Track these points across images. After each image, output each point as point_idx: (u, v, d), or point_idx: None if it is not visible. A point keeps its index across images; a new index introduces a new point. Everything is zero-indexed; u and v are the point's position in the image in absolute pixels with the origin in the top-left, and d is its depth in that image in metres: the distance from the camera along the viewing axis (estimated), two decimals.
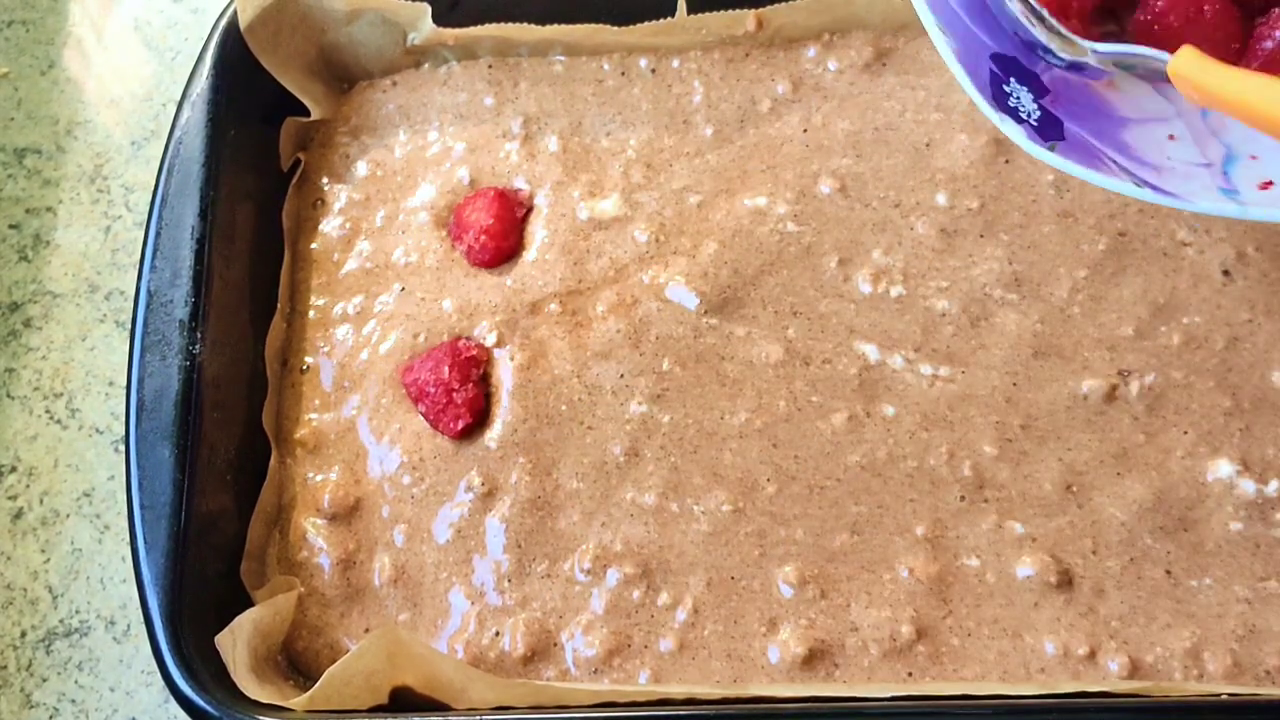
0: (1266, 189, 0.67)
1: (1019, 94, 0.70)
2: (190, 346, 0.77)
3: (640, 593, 0.75)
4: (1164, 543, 0.74)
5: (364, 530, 0.78)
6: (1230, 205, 0.66)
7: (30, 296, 0.96)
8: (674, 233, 0.84)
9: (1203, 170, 0.69)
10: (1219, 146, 0.70)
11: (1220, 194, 0.67)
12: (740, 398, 0.79)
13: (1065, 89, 0.72)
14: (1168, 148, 0.70)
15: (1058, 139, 0.68)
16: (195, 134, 0.83)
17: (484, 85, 0.91)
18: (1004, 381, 0.79)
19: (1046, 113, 0.70)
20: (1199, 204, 0.66)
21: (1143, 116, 0.72)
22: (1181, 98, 0.71)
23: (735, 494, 0.77)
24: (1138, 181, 0.66)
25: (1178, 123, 0.71)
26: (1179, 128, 0.71)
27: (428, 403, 0.80)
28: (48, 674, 0.84)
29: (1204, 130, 0.71)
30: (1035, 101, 0.70)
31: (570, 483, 0.78)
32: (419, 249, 0.86)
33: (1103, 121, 0.71)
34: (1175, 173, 0.68)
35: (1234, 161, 0.69)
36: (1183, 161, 0.69)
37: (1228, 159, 0.70)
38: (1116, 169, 0.67)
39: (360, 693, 0.70)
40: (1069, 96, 0.72)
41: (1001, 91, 0.69)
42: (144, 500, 0.73)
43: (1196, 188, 0.67)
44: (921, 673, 0.72)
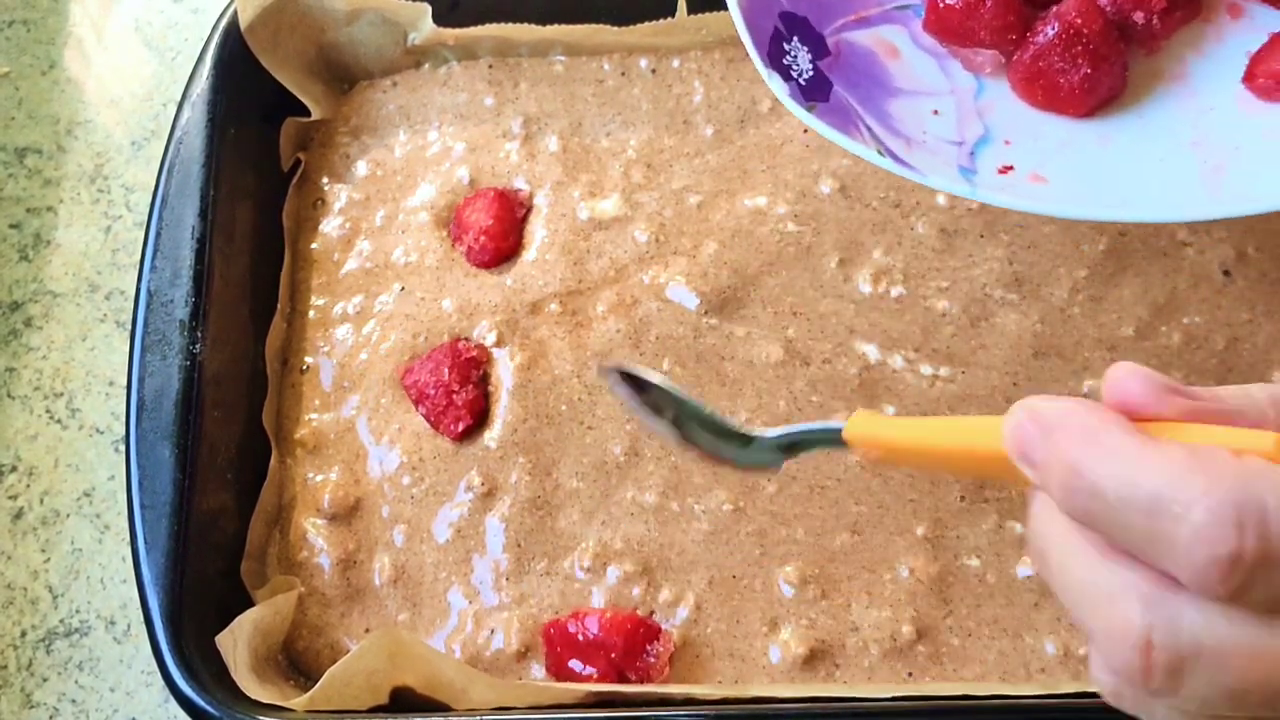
0: (1005, 173, 0.70)
1: (797, 53, 0.73)
2: (190, 346, 0.77)
3: (641, 589, 0.75)
4: None
5: (364, 530, 0.78)
6: (962, 185, 0.68)
7: (30, 296, 0.96)
8: (674, 233, 0.84)
9: (952, 147, 0.71)
10: (979, 127, 0.73)
11: (958, 173, 0.69)
12: (740, 397, 0.79)
13: (849, 53, 0.75)
14: (928, 122, 0.73)
15: (820, 100, 0.71)
16: (195, 134, 0.83)
17: (484, 85, 0.91)
18: (1004, 382, 0.79)
19: (819, 74, 0.72)
20: (931, 179, 0.68)
21: (915, 90, 0.75)
22: (960, 76, 0.76)
23: (736, 493, 0.77)
24: (882, 150, 0.69)
25: (948, 99, 0.75)
26: (946, 104, 0.74)
27: (428, 405, 0.80)
28: (48, 674, 0.84)
29: (971, 110, 0.74)
30: (812, 62, 0.73)
31: (570, 482, 0.78)
32: (419, 249, 0.86)
33: (874, 89, 0.74)
34: (924, 146, 0.71)
35: (987, 143, 0.72)
36: (936, 137, 0.72)
37: (982, 139, 0.72)
38: (868, 136, 0.70)
39: (361, 693, 0.70)
40: (849, 62, 0.75)
41: (780, 48, 0.72)
42: (144, 500, 0.73)
43: (937, 163, 0.70)
44: (922, 673, 0.72)
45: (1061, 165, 0.71)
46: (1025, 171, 0.71)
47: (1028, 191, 0.69)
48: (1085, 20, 0.72)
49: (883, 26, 0.78)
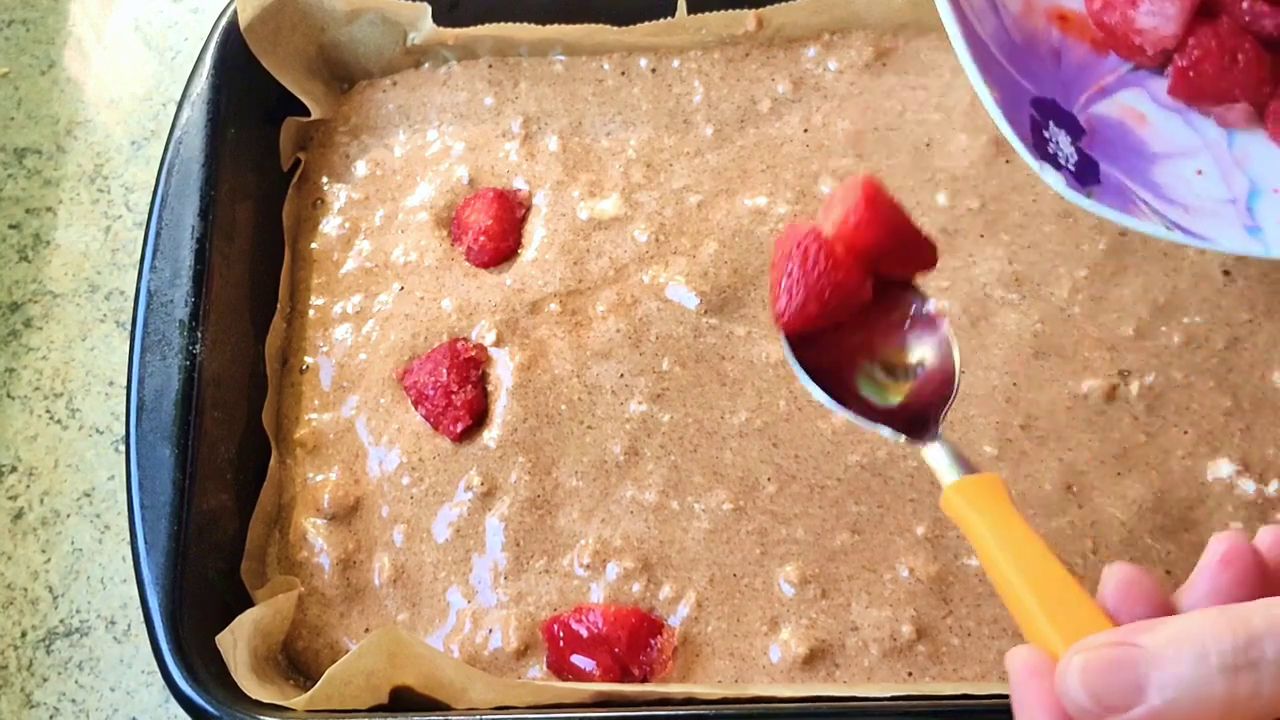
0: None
1: (1058, 138, 0.72)
2: (190, 346, 0.77)
3: (641, 586, 0.75)
4: (1164, 543, 0.74)
5: (364, 530, 0.78)
6: (1256, 245, 0.69)
7: (30, 296, 0.96)
8: (674, 232, 0.84)
9: (1229, 207, 0.72)
10: (1244, 180, 0.74)
11: (1245, 233, 0.70)
12: (740, 397, 0.79)
13: (1102, 127, 0.75)
14: (1195, 184, 0.73)
15: (1094, 184, 0.71)
16: (195, 134, 0.83)
17: (484, 85, 0.91)
18: (1004, 381, 0.79)
19: (1083, 155, 0.73)
20: (1226, 244, 0.69)
21: (1171, 151, 0.75)
22: (1208, 129, 0.76)
23: (736, 493, 0.77)
24: (1168, 225, 0.69)
25: (1205, 156, 0.75)
26: (1206, 162, 0.75)
27: (427, 405, 0.80)
28: (48, 674, 0.84)
29: (1230, 163, 0.75)
30: (1073, 144, 0.73)
31: (570, 481, 0.78)
32: (418, 248, 0.86)
33: (1135, 160, 0.74)
34: (1203, 211, 0.71)
35: (1258, 196, 0.72)
36: (1209, 199, 0.72)
37: (1251, 193, 0.73)
38: (1149, 211, 0.70)
39: (360, 692, 0.70)
40: (1104, 135, 0.75)
41: (1041, 138, 0.72)
42: (144, 500, 0.73)
43: (1223, 226, 0.70)
44: (921, 672, 0.72)
45: None
46: None
47: None
48: None
49: (1122, 92, 0.78)
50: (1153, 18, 0.76)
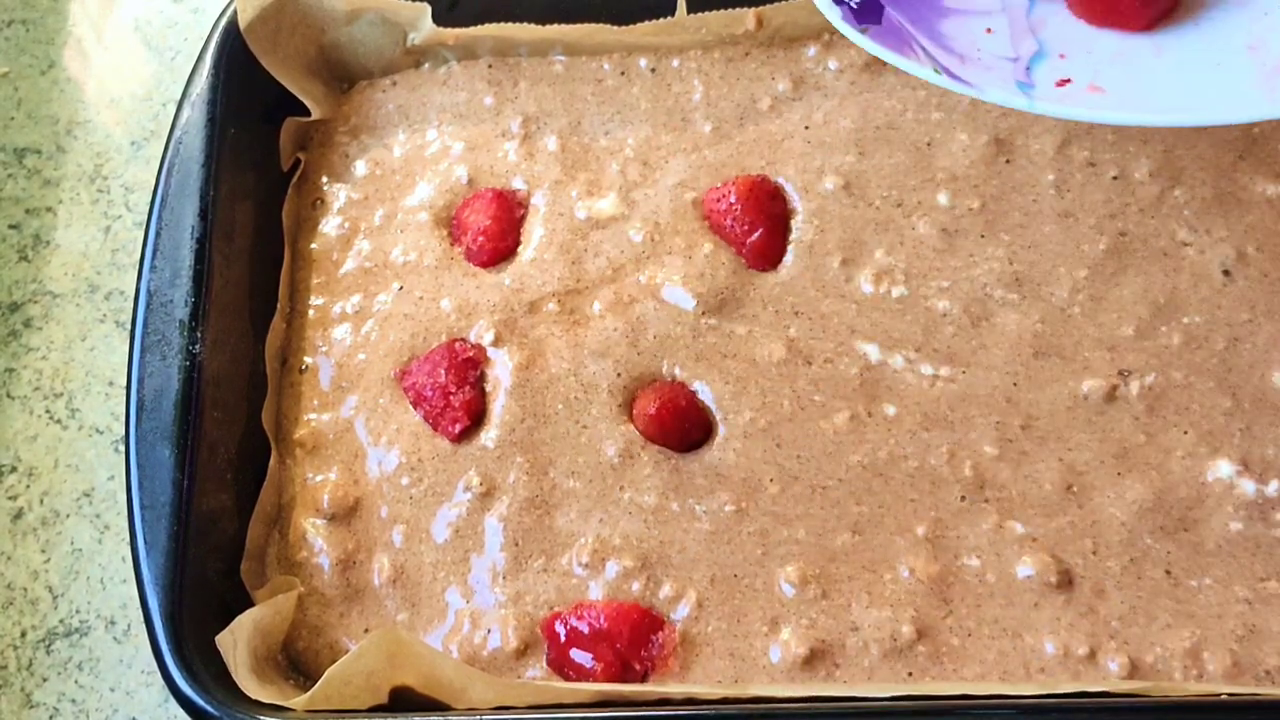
0: (1061, 86, 0.70)
1: None
2: (190, 346, 0.77)
3: (641, 584, 0.75)
4: (1164, 543, 0.74)
5: (363, 530, 0.78)
6: (1020, 98, 0.69)
7: (30, 296, 0.96)
8: (669, 232, 0.84)
9: (1007, 63, 0.72)
10: (1033, 43, 0.74)
11: (1016, 87, 0.70)
12: (745, 395, 0.79)
13: None
14: (981, 40, 0.74)
15: (873, 23, 0.72)
16: (195, 134, 0.83)
17: (483, 85, 0.91)
18: (1004, 381, 0.79)
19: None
20: (990, 93, 0.69)
21: (966, 8, 0.75)
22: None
23: (739, 494, 0.77)
24: (938, 68, 0.70)
25: (1000, 17, 0.75)
26: (999, 22, 0.75)
27: (425, 406, 0.80)
28: (48, 674, 0.84)
29: (1024, 26, 0.75)
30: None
31: (567, 481, 0.78)
32: (418, 248, 0.86)
33: (925, 9, 0.75)
34: (979, 63, 0.72)
35: (1042, 58, 0.73)
36: (991, 54, 0.73)
37: (1036, 55, 0.73)
38: (923, 55, 0.71)
39: (360, 693, 0.70)
40: None
41: None
42: (144, 500, 0.73)
43: (994, 78, 0.71)
44: (922, 673, 0.72)
45: (1118, 76, 0.72)
46: (1083, 83, 0.71)
47: (1086, 101, 0.70)
48: None
49: None
50: None
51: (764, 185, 0.84)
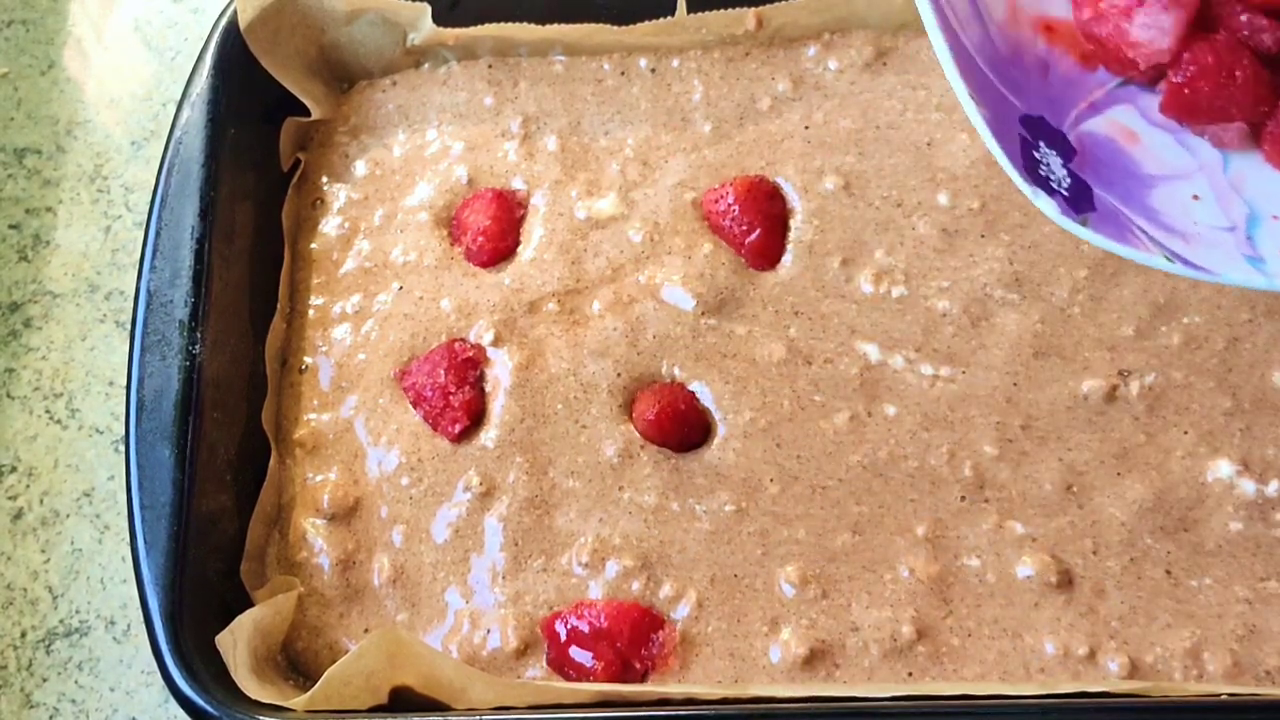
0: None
1: (1049, 159, 0.69)
2: (190, 346, 0.77)
3: (641, 584, 0.75)
4: (1164, 543, 0.74)
5: (363, 530, 0.78)
6: (1259, 277, 0.66)
7: (30, 296, 0.96)
8: (668, 232, 0.84)
9: (1227, 235, 0.69)
10: (1242, 206, 0.70)
11: (1246, 262, 0.67)
12: (745, 395, 0.79)
13: (1092, 146, 0.72)
14: (1193, 210, 0.70)
15: (1089, 210, 0.68)
16: (195, 134, 0.83)
17: (483, 85, 0.91)
18: (1004, 381, 0.79)
19: (1076, 179, 0.69)
20: (1229, 277, 0.66)
21: (1166, 173, 0.72)
22: (1202, 150, 0.72)
23: (738, 494, 0.77)
24: (1169, 255, 0.66)
25: (1200, 179, 0.71)
26: (1202, 185, 0.71)
27: (425, 407, 0.80)
28: (48, 674, 0.84)
29: (1226, 187, 0.71)
30: (1064, 166, 0.70)
31: (567, 481, 0.78)
32: (417, 248, 0.86)
33: (1130, 183, 0.71)
34: (1202, 240, 0.68)
35: (1257, 223, 0.69)
36: (1208, 226, 0.69)
37: (1251, 220, 0.69)
38: (1146, 240, 0.67)
39: (360, 693, 0.70)
40: (1095, 155, 0.72)
41: (1032, 159, 0.69)
42: (144, 500, 0.73)
43: (1224, 257, 0.67)
44: (922, 673, 0.72)
45: None
46: None
47: None
48: None
49: (1113, 109, 0.74)
50: (1148, 30, 0.71)
51: (762, 185, 0.84)
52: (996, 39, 0.72)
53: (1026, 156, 0.68)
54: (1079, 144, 0.72)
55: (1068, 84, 0.74)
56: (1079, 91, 0.74)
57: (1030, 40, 0.74)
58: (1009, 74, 0.72)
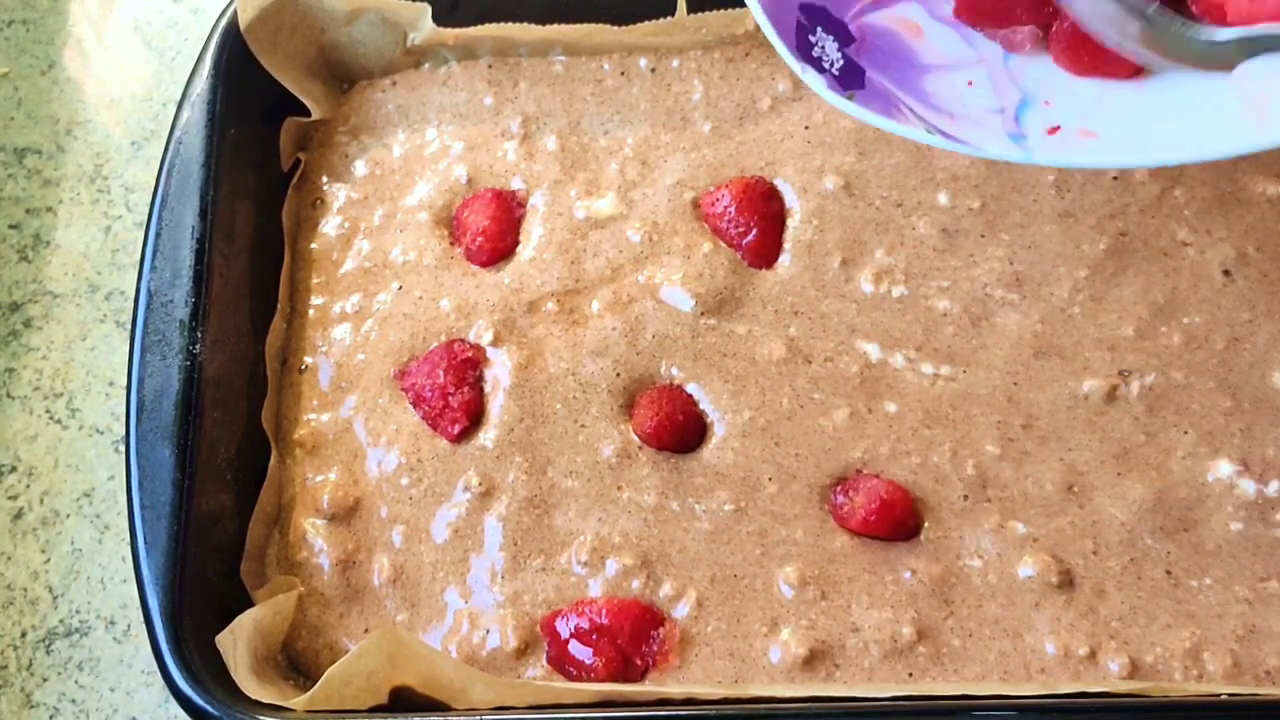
0: (1054, 134, 0.69)
1: (824, 43, 0.72)
2: (190, 346, 0.77)
3: (641, 582, 0.75)
4: (1164, 543, 0.74)
5: (363, 530, 0.78)
6: (1017, 151, 0.68)
7: (30, 296, 0.96)
8: (667, 232, 0.84)
9: (995, 116, 0.71)
10: (1015, 92, 0.73)
11: (1008, 139, 0.69)
12: (744, 394, 0.79)
13: (873, 36, 0.75)
14: (964, 94, 0.73)
15: (857, 87, 0.71)
16: (195, 134, 0.83)
17: (483, 85, 0.91)
18: (1005, 381, 0.79)
19: (850, 61, 0.72)
20: (986, 149, 0.68)
21: (945, 63, 0.74)
22: (984, 42, 0.75)
23: (737, 493, 0.77)
24: (929, 128, 0.69)
25: (979, 69, 0.74)
26: (979, 74, 0.74)
27: (424, 407, 0.80)
28: (48, 674, 0.84)
29: (1004, 75, 0.74)
30: (840, 50, 0.72)
31: (566, 481, 0.78)
32: (417, 248, 0.86)
33: (905, 69, 0.74)
34: (969, 119, 0.71)
35: (1027, 106, 0.72)
36: (977, 108, 0.72)
37: (1021, 104, 0.72)
38: (912, 117, 0.70)
39: (360, 693, 0.70)
40: (875, 44, 0.74)
41: (806, 41, 0.72)
42: (144, 500, 0.73)
43: (986, 133, 0.69)
44: (922, 673, 0.72)
45: (1107, 118, 0.71)
46: (1073, 129, 0.70)
47: (1082, 147, 0.69)
48: None
49: (899, 5, 0.77)
50: None
51: (759, 186, 0.84)
52: None
53: (800, 38, 0.72)
54: (859, 33, 0.74)
55: None
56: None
57: None
58: None
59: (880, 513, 0.74)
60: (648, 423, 0.77)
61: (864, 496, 0.75)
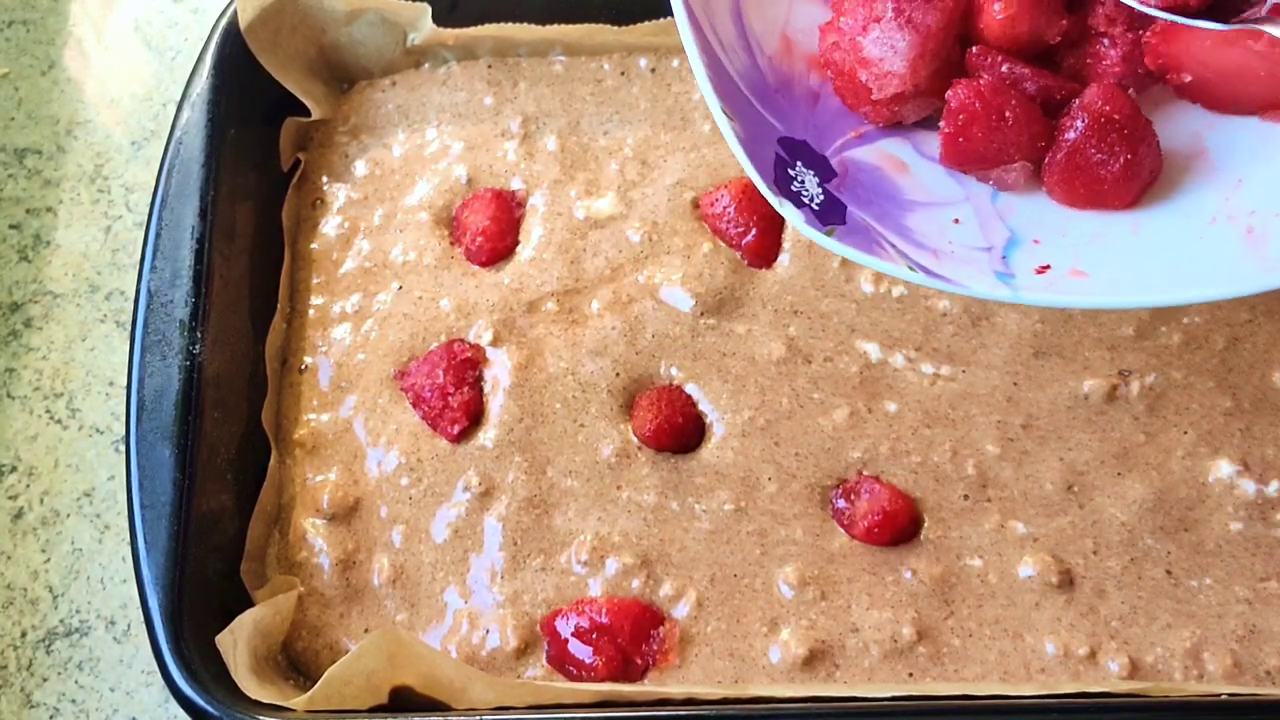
0: (1042, 273, 0.68)
1: (804, 177, 0.70)
2: (190, 346, 0.77)
3: (641, 581, 0.75)
4: (1164, 543, 0.74)
5: (363, 530, 0.78)
6: (1004, 290, 0.66)
7: (30, 296, 0.96)
8: (667, 232, 0.84)
9: (982, 254, 0.69)
10: (1004, 230, 0.71)
11: (995, 277, 0.67)
12: (744, 394, 0.79)
13: (855, 171, 0.73)
14: (950, 232, 0.71)
15: (838, 223, 0.69)
16: (195, 134, 0.83)
17: (483, 85, 0.91)
18: (1005, 381, 0.79)
19: (830, 196, 0.70)
20: (973, 287, 0.66)
21: (931, 200, 0.72)
22: (973, 182, 0.73)
23: (737, 493, 0.77)
24: (912, 265, 0.67)
25: (965, 207, 0.72)
26: (966, 212, 0.72)
27: (424, 408, 0.80)
28: (48, 674, 0.84)
29: (992, 214, 0.72)
30: (820, 185, 0.70)
31: (565, 480, 0.78)
32: (417, 248, 0.86)
33: (889, 205, 0.71)
34: (954, 256, 0.69)
35: (1016, 245, 0.70)
36: (963, 245, 0.70)
37: (1010, 243, 0.70)
38: (894, 253, 0.68)
39: (360, 693, 0.70)
40: (857, 179, 0.72)
41: (785, 175, 0.70)
42: (144, 500, 0.73)
43: (972, 271, 0.68)
44: (922, 673, 0.72)
45: (1098, 257, 0.69)
46: (1064, 268, 0.68)
47: (1071, 287, 0.67)
48: (1114, 106, 0.69)
49: (884, 141, 0.75)
50: (880, 46, 0.70)
51: None
52: (765, 69, 0.74)
53: (779, 172, 0.70)
54: (841, 168, 0.72)
55: (837, 115, 0.75)
56: (848, 123, 0.75)
57: (803, 74, 0.75)
58: (775, 102, 0.73)
59: (883, 525, 0.74)
60: (647, 425, 0.77)
61: (866, 505, 0.75)
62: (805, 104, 0.74)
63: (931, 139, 0.73)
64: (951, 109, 0.70)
